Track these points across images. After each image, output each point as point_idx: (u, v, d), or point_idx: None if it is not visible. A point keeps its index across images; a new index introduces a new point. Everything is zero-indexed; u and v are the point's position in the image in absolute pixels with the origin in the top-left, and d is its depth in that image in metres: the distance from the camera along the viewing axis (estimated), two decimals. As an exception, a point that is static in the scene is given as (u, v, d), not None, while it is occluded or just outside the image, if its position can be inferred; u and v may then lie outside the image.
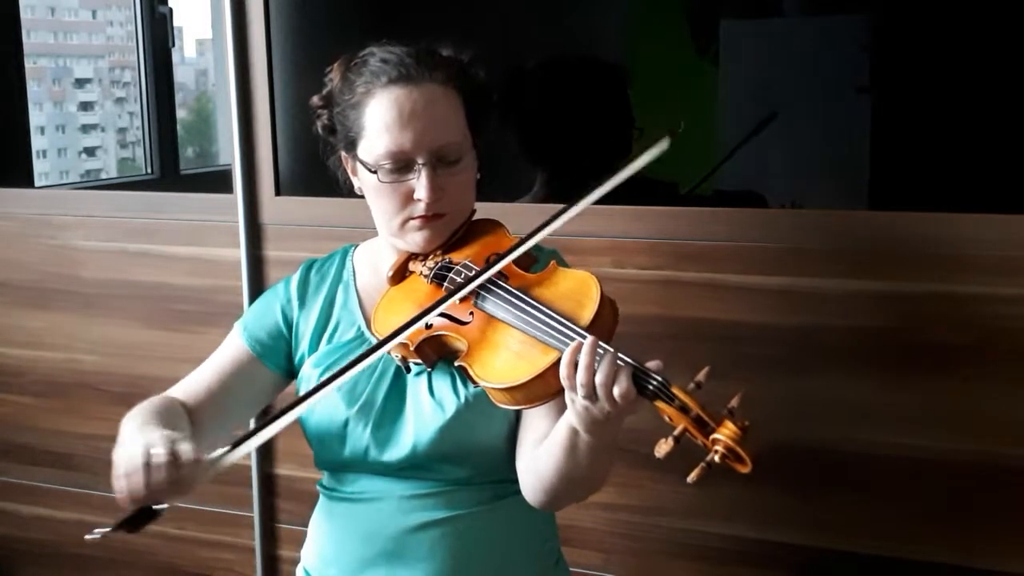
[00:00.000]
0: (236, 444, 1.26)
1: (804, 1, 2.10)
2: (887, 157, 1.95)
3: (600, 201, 1.89)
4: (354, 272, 1.55)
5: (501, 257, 1.34)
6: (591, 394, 1.17)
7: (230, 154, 2.16)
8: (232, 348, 1.54)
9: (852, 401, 1.76)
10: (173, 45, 3.57)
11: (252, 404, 1.55)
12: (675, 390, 1.15)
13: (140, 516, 1.22)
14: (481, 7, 2.19)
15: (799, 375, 1.77)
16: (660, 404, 1.16)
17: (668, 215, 1.86)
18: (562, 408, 1.28)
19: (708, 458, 1.12)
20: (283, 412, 1.28)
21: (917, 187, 1.89)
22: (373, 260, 1.54)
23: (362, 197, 1.48)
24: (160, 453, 1.20)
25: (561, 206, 1.36)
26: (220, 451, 1.26)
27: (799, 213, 1.90)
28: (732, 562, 1.88)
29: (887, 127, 1.96)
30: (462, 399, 1.39)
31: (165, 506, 1.21)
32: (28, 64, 2.97)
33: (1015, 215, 1.67)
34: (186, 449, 1.21)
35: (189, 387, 1.51)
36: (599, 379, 1.16)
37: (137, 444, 1.22)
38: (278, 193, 2.14)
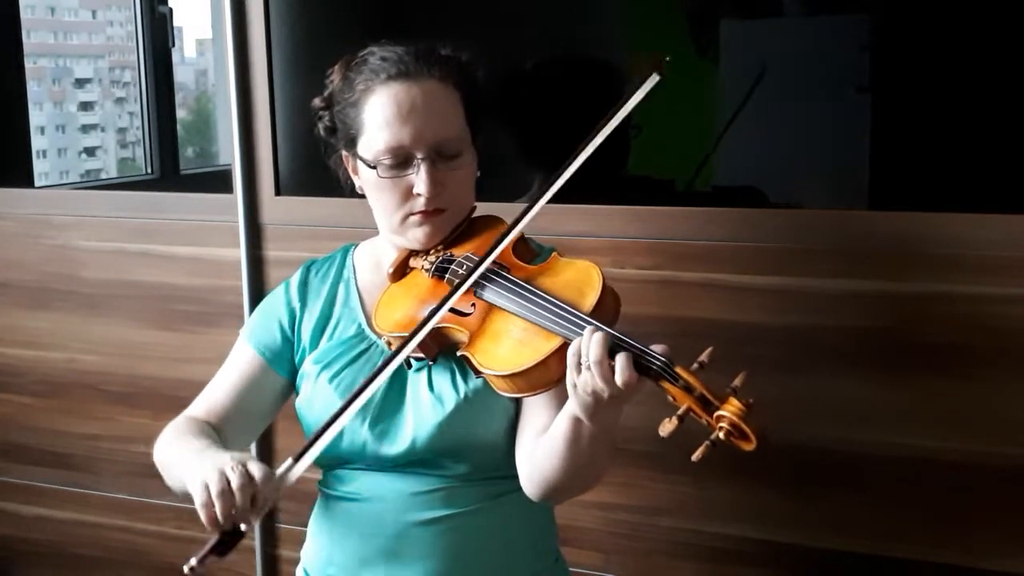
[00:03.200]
0: (299, 456, 1.26)
1: (804, 1, 2.10)
2: (887, 157, 1.95)
3: (600, 201, 1.90)
4: (354, 270, 1.55)
5: (502, 236, 1.33)
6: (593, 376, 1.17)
7: (230, 154, 2.16)
8: (242, 359, 1.54)
9: (852, 401, 1.76)
10: (173, 45, 3.57)
11: (267, 414, 1.56)
12: (679, 370, 1.16)
13: (228, 540, 1.19)
14: (481, 7, 2.19)
15: (798, 375, 1.77)
16: (664, 384, 1.17)
17: (667, 215, 1.86)
18: (562, 401, 1.29)
19: (712, 436, 1.13)
20: (336, 416, 1.28)
21: (917, 187, 1.89)
22: (374, 258, 1.55)
23: (363, 197, 1.49)
24: (236, 476, 1.19)
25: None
26: (286, 465, 1.25)
27: (799, 213, 1.90)
28: (732, 562, 1.88)
29: (887, 127, 1.95)
30: (461, 394, 1.39)
31: (247, 528, 1.20)
32: (28, 64, 2.97)
33: (1015, 215, 1.67)
34: (258, 468, 1.21)
35: (207, 405, 1.51)
36: (594, 356, 1.16)
37: (210, 470, 1.21)
38: (278, 193, 2.14)
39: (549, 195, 1.34)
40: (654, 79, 1.34)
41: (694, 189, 2.07)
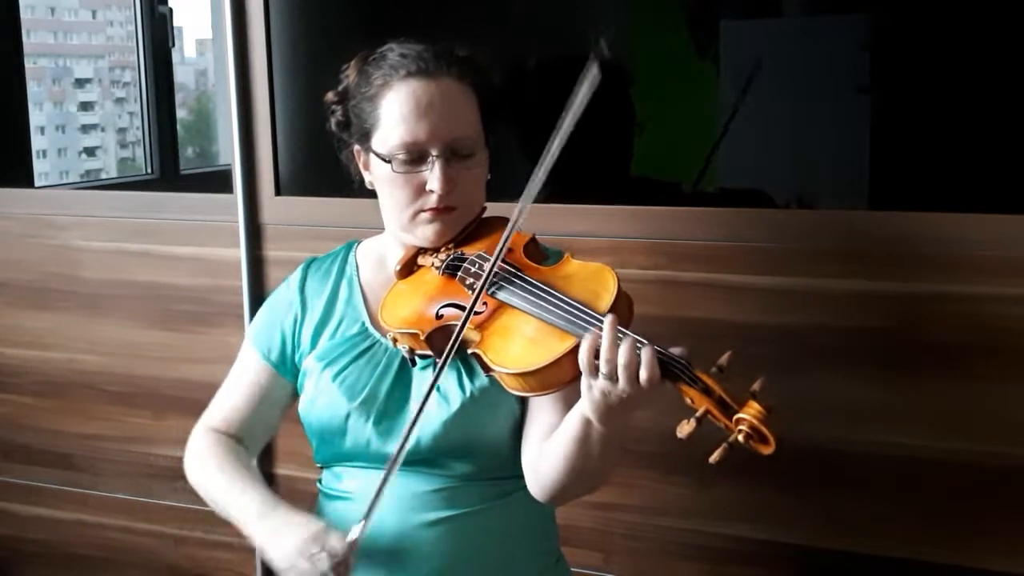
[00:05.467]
0: (366, 514, 1.32)
1: (804, 1, 2.10)
2: (887, 157, 1.95)
3: (600, 201, 1.90)
4: (357, 267, 1.55)
5: (507, 238, 1.32)
6: (612, 373, 1.17)
7: (230, 154, 2.16)
8: (250, 366, 1.54)
9: (852, 401, 1.76)
10: (173, 45, 3.57)
11: (279, 415, 1.57)
12: (698, 372, 1.16)
13: None
14: (482, 7, 2.19)
15: (798, 375, 1.77)
16: (683, 386, 1.17)
17: (668, 215, 1.86)
18: (569, 403, 1.29)
19: (731, 439, 1.13)
20: (390, 470, 1.31)
21: (917, 187, 1.89)
22: (378, 255, 1.55)
23: (374, 195, 1.49)
24: (326, 560, 1.28)
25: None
26: (359, 527, 1.31)
27: (799, 213, 1.90)
28: (732, 562, 1.88)
29: (887, 127, 1.96)
30: (467, 393, 1.39)
31: None
32: (28, 64, 2.97)
33: (1015, 215, 1.67)
34: (336, 542, 1.29)
35: (225, 416, 1.54)
36: (622, 360, 1.16)
37: (297, 556, 1.30)
38: (278, 193, 2.14)
39: (534, 193, 1.32)
40: (594, 72, 1.33)
41: (696, 190, 2.07)
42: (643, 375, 1.16)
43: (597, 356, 1.19)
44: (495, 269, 1.32)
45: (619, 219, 1.87)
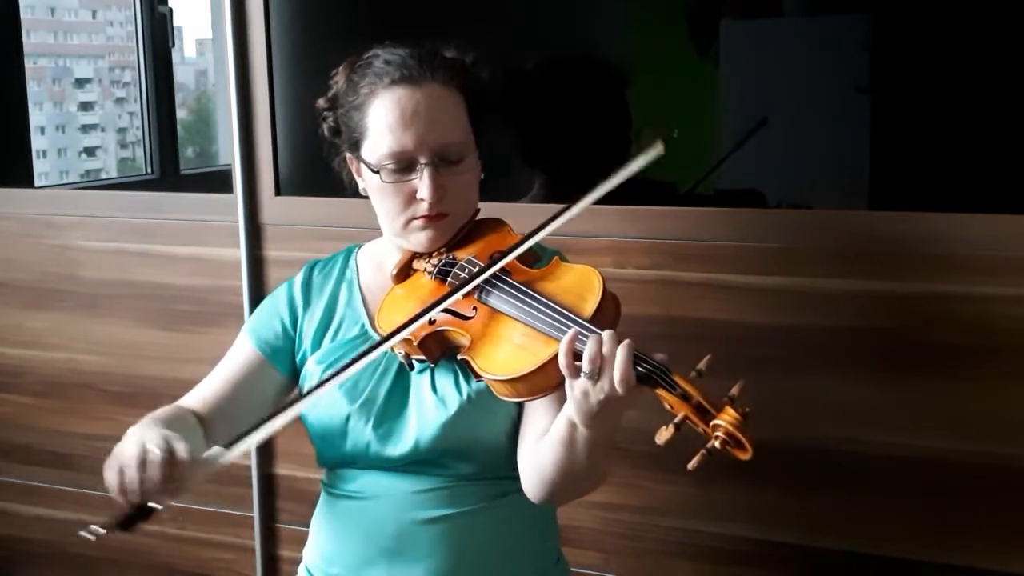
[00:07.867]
0: (232, 443, 1.28)
1: (804, 1, 2.10)
2: (887, 157, 1.95)
3: (599, 201, 1.90)
4: (357, 271, 1.55)
5: (503, 255, 1.35)
6: (594, 372, 1.17)
7: (230, 154, 2.16)
8: (241, 353, 1.54)
9: (852, 401, 1.76)
10: (173, 45, 3.57)
11: (262, 409, 1.55)
12: (676, 377, 1.17)
13: (134, 514, 1.22)
14: (481, 7, 2.19)
15: (798, 375, 1.77)
16: (661, 392, 1.17)
17: (668, 215, 1.86)
18: (563, 404, 1.29)
19: (708, 445, 1.13)
20: (281, 409, 1.29)
21: (917, 187, 1.89)
22: (377, 259, 1.55)
23: (367, 198, 1.49)
24: (155, 450, 1.21)
25: (560, 206, 1.37)
26: (215, 450, 1.27)
27: (799, 213, 1.90)
28: (732, 562, 1.88)
29: (887, 127, 1.95)
30: (465, 396, 1.39)
31: (159, 506, 1.22)
32: (28, 64, 2.97)
33: (1015, 215, 1.67)
34: (182, 448, 1.23)
35: (200, 395, 1.52)
36: (591, 353, 1.17)
37: (134, 441, 1.24)
38: (278, 193, 2.14)
39: (536, 239, 1.35)
40: (658, 149, 1.34)
41: (696, 191, 2.07)
42: (616, 375, 1.16)
43: (577, 358, 1.19)
44: (478, 282, 1.32)
45: (619, 219, 1.87)
